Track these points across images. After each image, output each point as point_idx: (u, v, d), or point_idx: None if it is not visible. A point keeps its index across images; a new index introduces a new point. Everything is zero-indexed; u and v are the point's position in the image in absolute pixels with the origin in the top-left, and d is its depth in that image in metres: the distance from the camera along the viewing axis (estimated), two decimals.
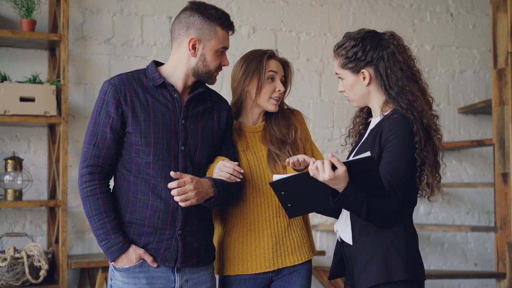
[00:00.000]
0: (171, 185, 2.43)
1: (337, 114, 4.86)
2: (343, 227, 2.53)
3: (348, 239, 2.49)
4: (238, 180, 2.63)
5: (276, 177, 2.32)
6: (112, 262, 2.54)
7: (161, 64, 2.67)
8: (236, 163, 2.62)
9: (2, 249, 3.97)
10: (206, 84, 2.67)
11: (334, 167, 2.22)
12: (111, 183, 2.62)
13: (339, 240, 2.59)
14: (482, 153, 5.28)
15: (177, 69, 2.60)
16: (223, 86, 4.35)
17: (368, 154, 2.21)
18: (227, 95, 2.92)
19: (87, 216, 2.52)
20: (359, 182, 2.26)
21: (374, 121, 2.57)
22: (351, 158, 2.30)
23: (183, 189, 2.43)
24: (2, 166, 3.99)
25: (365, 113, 2.69)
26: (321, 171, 2.22)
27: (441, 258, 5.14)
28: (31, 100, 3.87)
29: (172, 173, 2.43)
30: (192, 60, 2.58)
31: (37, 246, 3.84)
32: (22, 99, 3.85)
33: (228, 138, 2.74)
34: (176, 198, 2.43)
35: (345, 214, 2.54)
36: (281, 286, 2.77)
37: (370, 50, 2.49)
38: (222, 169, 2.60)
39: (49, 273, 3.94)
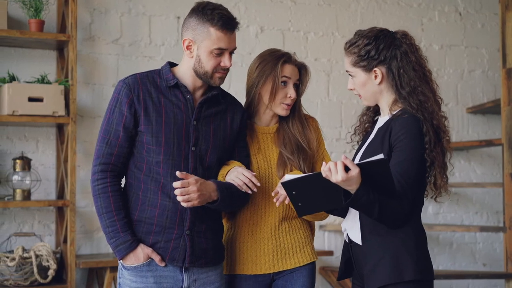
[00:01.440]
0: (175, 184, 2.44)
1: (345, 114, 4.85)
2: (351, 227, 2.52)
3: (357, 239, 2.48)
4: (250, 192, 2.61)
5: (288, 177, 2.32)
6: (120, 260, 2.55)
7: (176, 65, 2.68)
8: (254, 173, 2.61)
9: (11, 249, 3.98)
10: (220, 86, 2.67)
11: (347, 169, 2.21)
12: (123, 181, 2.63)
13: (347, 240, 2.58)
14: (491, 153, 5.27)
15: (186, 70, 2.61)
16: (231, 86, 4.35)
17: (381, 156, 2.20)
18: (235, 95, 2.91)
19: (98, 214, 2.54)
20: (371, 183, 2.25)
21: (382, 119, 2.56)
22: (364, 160, 2.29)
23: (186, 190, 2.44)
24: (11, 166, 4.01)
25: (372, 111, 2.68)
26: (333, 173, 2.21)
27: (449, 258, 5.13)
28: (40, 100, 3.88)
29: (177, 173, 2.44)
30: (190, 61, 2.59)
31: (45, 246, 3.85)
32: (31, 99, 3.86)
33: (241, 141, 2.73)
34: (179, 198, 2.44)
35: (353, 214, 2.53)
36: (282, 285, 2.76)
37: (383, 49, 2.48)
38: (239, 176, 2.59)
39: (58, 273, 3.95)
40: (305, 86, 2.84)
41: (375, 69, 2.49)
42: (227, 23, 2.53)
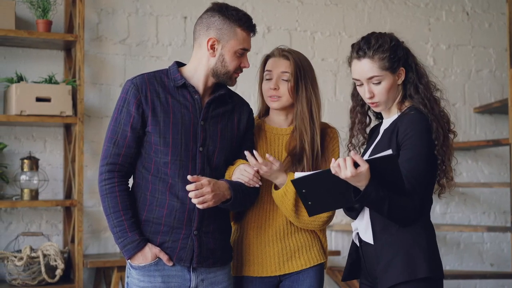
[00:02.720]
0: (189, 187, 2.44)
1: None
2: (362, 226, 2.52)
3: (369, 238, 2.48)
4: (257, 185, 2.63)
5: (297, 174, 2.32)
6: (128, 260, 2.56)
7: (184, 64, 2.68)
8: (255, 168, 2.61)
9: (19, 249, 3.99)
10: (228, 86, 2.67)
11: (356, 165, 2.22)
12: (131, 181, 2.63)
13: (356, 241, 2.58)
14: (498, 152, 5.25)
15: (198, 69, 2.61)
16: (237, 86, 4.34)
17: (389, 152, 2.21)
18: (241, 95, 2.92)
19: (105, 214, 2.54)
20: (380, 179, 2.25)
21: (387, 121, 2.56)
22: (372, 156, 2.30)
23: (200, 192, 2.44)
24: (19, 166, 4.02)
25: (363, 124, 2.68)
26: (343, 169, 2.22)
27: (457, 258, 5.12)
28: (47, 100, 3.89)
29: (189, 177, 2.44)
30: (211, 60, 2.58)
31: (53, 246, 3.86)
32: (38, 99, 3.87)
33: (247, 140, 2.73)
34: (194, 201, 2.45)
35: (363, 213, 2.52)
36: (289, 286, 2.75)
37: (403, 48, 2.49)
38: (243, 172, 2.60)
39: (65, 273, 3.96)
40: (293, 75, 2.72)
41: (401, 68, 2.48)
42: (252, 25, 2.60)
